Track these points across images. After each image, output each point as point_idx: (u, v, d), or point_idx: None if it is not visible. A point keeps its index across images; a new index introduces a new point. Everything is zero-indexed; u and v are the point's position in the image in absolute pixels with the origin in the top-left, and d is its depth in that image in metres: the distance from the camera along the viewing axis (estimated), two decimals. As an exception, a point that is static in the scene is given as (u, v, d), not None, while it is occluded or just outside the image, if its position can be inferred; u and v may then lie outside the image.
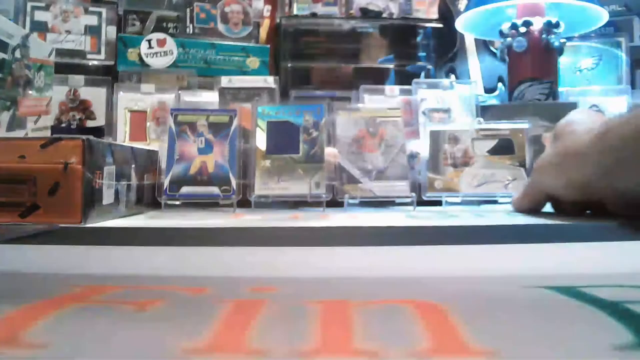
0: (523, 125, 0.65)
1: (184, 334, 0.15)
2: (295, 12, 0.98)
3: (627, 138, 0.40)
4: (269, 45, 0.94)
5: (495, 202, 0.62)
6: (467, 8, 0.97)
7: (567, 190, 0.47)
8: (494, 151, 0.64)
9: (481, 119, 0.80)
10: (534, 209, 0.54)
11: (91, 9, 0.88)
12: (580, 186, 0.46)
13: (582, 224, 0.44)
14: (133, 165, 0.55)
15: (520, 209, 0.55)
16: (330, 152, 0.62)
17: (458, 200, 0.62)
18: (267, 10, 1.00)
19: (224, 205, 0.60)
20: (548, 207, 0.55)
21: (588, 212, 0.51)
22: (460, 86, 0.85)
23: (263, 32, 0.98)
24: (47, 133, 0.68)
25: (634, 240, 0.36)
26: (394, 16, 1.00)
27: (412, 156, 0.68)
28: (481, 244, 0.34)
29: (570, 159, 0.46)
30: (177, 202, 0.59)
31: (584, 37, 1.02)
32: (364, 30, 1.00)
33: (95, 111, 0.82)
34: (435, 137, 0.64)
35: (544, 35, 0.90)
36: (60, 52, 0.81)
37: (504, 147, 0.64)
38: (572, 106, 0.80)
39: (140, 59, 0.86)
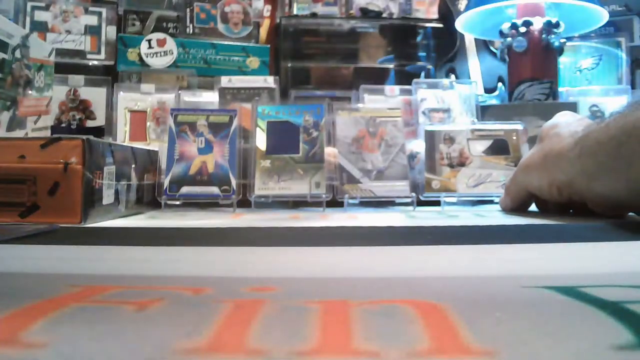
0: (517, 126, 0.65)
1: (184, 334, 0.15)
2: (295, 12, 0.99)
3: (604, 143, 0.42)
4: (269, 45, 0.94)
5: (491, 202, 0.62)
6: (467, 8, 0.97)
7: (550, 190, 0.49)
8: (489, 151, 0.64)
9: (475, 120, 0.80)
10: (516, 208, 0.55)
11: (91, 9, 0.88)
12: (563, 187, 0.47)
13: (581, 225, 0.44)
14: (133, 165, 0.55)
15: (505, 208, 0.56)
16: (330, 152, 0.62)
17: (454, 200, 0.62)
18: (267, 10, 1.01)
19: (224, 205, 0.60)
20: (534, 207, 0.55)
21: (570, 211, 0.51)
22: (460, 86, 0.85)
23: (263, 32, 0.98)
24: (47, 133, 0.68)
25: (633, 241, 0.36)
26: (394, 16, 1.00)
27: (412, 156, 0.68)
28: (481, 244, 0.34)
29: (554, 160, 0.48)
30: (177, 202, 0.59)
31: (584, 37, 1.03)
32: (364, 30, 1.00)
33: (95, 111, 0.83)
34: (430, 137, 0.64)
35: (544, 35, 0.90)
36: (60, 52, 0.81)
37: (499, 148, 0.64)
38: (572, 106, 0.80)
39: (140, 59, 0.86)
